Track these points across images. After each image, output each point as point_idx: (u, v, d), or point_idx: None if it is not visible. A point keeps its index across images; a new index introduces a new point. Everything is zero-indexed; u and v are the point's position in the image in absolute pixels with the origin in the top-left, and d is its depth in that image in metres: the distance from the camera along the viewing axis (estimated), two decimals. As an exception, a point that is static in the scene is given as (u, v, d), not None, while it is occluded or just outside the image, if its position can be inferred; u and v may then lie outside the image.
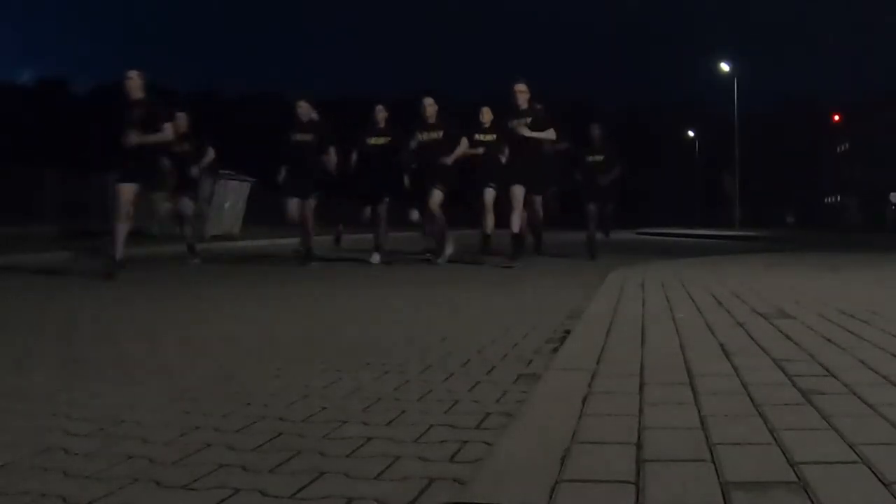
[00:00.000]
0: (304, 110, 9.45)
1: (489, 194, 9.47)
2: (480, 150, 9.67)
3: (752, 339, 3.05)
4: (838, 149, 58.06)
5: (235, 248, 15.35)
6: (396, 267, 9.30)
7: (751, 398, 2.03)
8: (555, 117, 9.56)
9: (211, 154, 10.12)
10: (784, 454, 1.54)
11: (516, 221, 9.20)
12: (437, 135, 9.51)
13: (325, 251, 11.46)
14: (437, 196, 9.34)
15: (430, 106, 9.62)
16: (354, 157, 9.64)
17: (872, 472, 1.42)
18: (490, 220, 9.56)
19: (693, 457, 1.53)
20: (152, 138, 7.59)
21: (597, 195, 10.83)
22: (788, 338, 3.06)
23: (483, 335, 3.70)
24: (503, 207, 9.36)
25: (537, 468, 1.48)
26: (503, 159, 9.18)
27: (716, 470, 1.45)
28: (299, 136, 9.30)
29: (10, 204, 17.38)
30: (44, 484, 1.63)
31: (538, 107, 9.51)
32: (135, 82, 7.66)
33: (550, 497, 1.33)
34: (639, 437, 1.67)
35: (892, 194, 42.90)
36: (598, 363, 2.54)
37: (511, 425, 1.90)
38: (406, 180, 9.83)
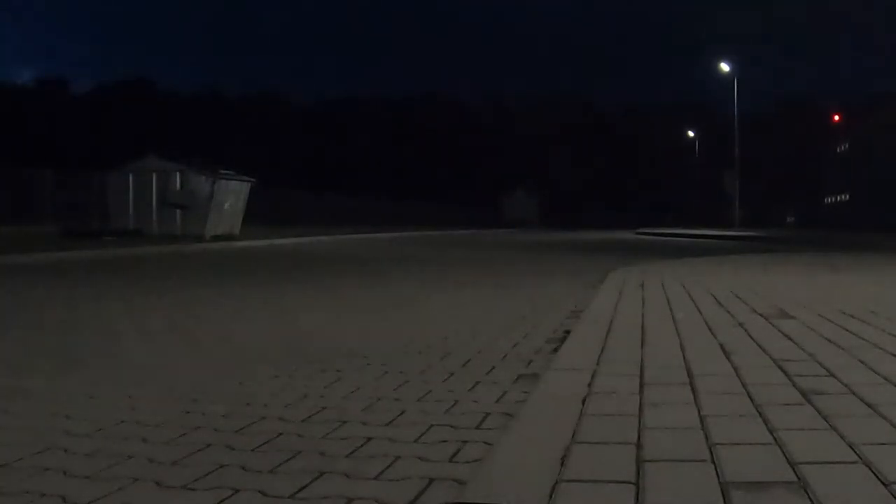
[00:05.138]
0: None
1: None
2: None
3: (752, 339, 3.05)
4: (838, 149, 58.03)
5: (235, 248, 15.36)
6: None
7: (751, 398, 2.03)
8: None
9: None
10: (784, 454, 1.53)
11: None
12: None
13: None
14: None
15: None
16: None
17: (872, 472, 1.42)
18: None
19: (693, 457, 1.53)
20: None
21: None
22: (788, 338, 3.05)
23: (483, 335, 3.70)
24: None
25: (537, 468, 1.48)
26: None
27: (716, 470, 1.45)
28: None
29: (10, 204, 17.40)
30: (44, 484, 1.63)
31: None
32: None
33: (550, 497, 1.33)
34: (639, 437, 1.67)
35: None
36: (598, 363, 2.54)
37: (511, 425, 1.90)
38: None
